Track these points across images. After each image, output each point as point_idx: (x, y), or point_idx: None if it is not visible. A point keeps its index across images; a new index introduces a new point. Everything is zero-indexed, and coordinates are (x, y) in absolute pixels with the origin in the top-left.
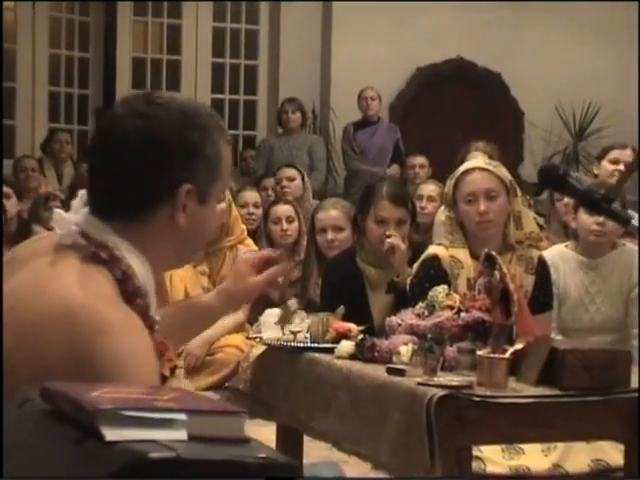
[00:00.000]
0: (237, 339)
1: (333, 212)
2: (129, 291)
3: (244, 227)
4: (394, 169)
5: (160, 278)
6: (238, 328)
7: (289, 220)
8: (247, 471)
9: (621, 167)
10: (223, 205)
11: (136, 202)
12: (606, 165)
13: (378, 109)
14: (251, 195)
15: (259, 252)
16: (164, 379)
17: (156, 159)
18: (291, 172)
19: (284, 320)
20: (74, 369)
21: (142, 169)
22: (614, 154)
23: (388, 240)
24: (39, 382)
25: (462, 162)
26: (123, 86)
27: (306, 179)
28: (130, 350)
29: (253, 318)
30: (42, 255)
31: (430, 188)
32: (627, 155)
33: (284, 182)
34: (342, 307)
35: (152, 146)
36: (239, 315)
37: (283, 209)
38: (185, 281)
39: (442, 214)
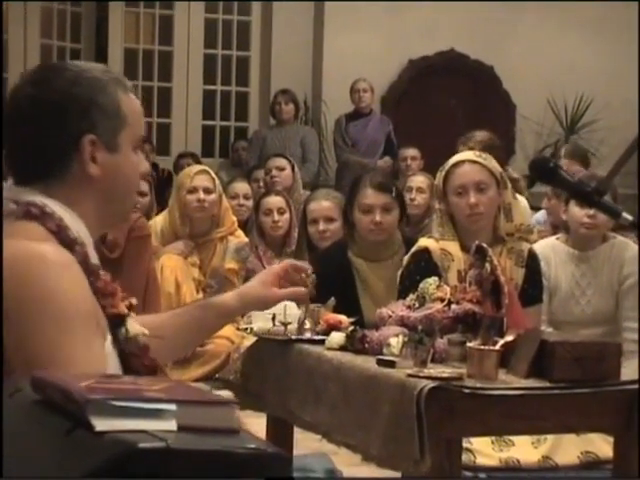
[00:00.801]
0: (228, 330)
1: (325, 203)
2: (66, 242)
3: (235, 218)
4: (386, 161)
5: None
6: None
7: (280, 211)
8: (237, 461)
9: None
10: (214, 196)
11: (48, 163)
12: None
13: (370, 101)
14: (241, 186)
15: (285, 262)
16: (123, 317)
17: (52, 118)
18: (281, 162)
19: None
20: (16, 303)
21: (42, 131)
22: None
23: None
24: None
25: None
26: None
27: (296, 169)
28: (67, 280)
29: None
30: None
31: (419, 180)
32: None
33: (274, 172)
34: (333, 299)
35: (43, 107)
36: None
37: (274, 200)
38: (176, 272)
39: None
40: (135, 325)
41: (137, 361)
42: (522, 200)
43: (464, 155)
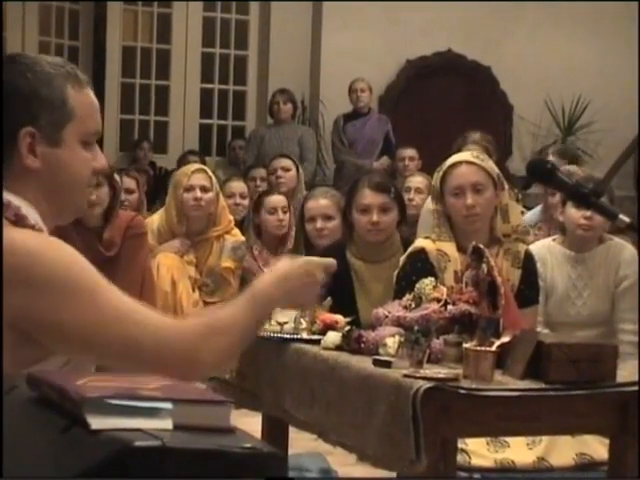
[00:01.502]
0: None
1: (323, 201)
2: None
3: (231, 217)
4: (384, 161)
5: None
6: None
7: (284, 211)
8: (232, 460)
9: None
10: (211, 194)
11: None
12: None
13: (368, 101)
14: (238, 185)
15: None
16: None
17: None
18: (286, 162)
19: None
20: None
21: None
22: None
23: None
24: None
25: (459, 151)
26: (113, 75)
27: (300, 170)
28: (67, 253)
29: None
30: None
31: (417, 180)
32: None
33: (279, 172)
34: (329, 299)
35: None
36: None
37: (278, 199)
38: (172, 270)
39: (428, 206)
40: None
41: None
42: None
43: (461, 156)
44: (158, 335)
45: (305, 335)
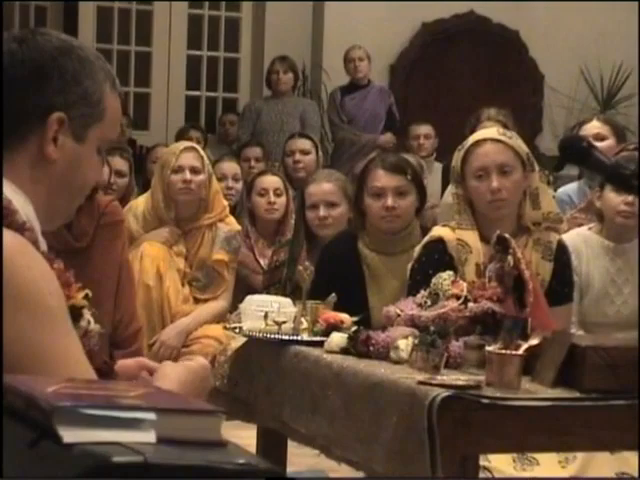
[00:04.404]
0: (217, 330)
1: (326, 185)
2: (13, 226)
3: (226, 203)
4: (388, 137)
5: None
6: (219, 317)
7: (277, 193)
8: (223, 478)
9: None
10: (202, 177)
11: (11, 129)
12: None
13: (367, 71)
14: (230, 166)
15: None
16: (80, 309)
17: (28, 81)
18: (305, 144)
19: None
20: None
21: (14, 91)
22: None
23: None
24: None
25: (472, 132)
26: (86, 39)
27: (320, 153)
28: (36, 270)
29: (232, 306)
30: None
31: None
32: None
33: (297, 155)
34: (333, 295)
35: (24, 67)
36: (220, 302)
37: (271, 180)
38: (158, 262)
39: (449, 194)
40: (92, 319)
41: (94, 360)
42: None
43: (486, 133)
44: None
45: (306, 336)
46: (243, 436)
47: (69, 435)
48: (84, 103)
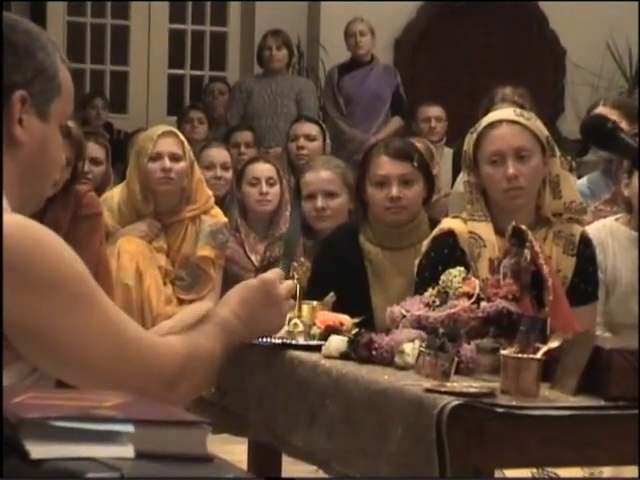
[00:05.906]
0: None
1: (324, 174)
2: None
3: (210, 193)
4: (395, 122)
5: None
6: None
7: (270, 182)
8: None
9: None
10: (183, 164)
11: None
12: None
13: (370, 46)
14: (218, 153)
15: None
16: None
17: None
18: (311, 128)
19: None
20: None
21: None
22: None
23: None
24: None
25: (485, 114)
26: (56, 12)
27: (327, 140)
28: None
29: None
30: None
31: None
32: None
33: (301, 141)
34: (332, 294)
35: None
36: (206, 303)
37: (263, 168)
38: (137, 259)
39: (460, 182)
40: None
41: None
42: None
43: (501, 114)
44: (148, 356)
45: (302, 340)
46: (233, 451)
47: (37, 450)
48: (42, 77)
